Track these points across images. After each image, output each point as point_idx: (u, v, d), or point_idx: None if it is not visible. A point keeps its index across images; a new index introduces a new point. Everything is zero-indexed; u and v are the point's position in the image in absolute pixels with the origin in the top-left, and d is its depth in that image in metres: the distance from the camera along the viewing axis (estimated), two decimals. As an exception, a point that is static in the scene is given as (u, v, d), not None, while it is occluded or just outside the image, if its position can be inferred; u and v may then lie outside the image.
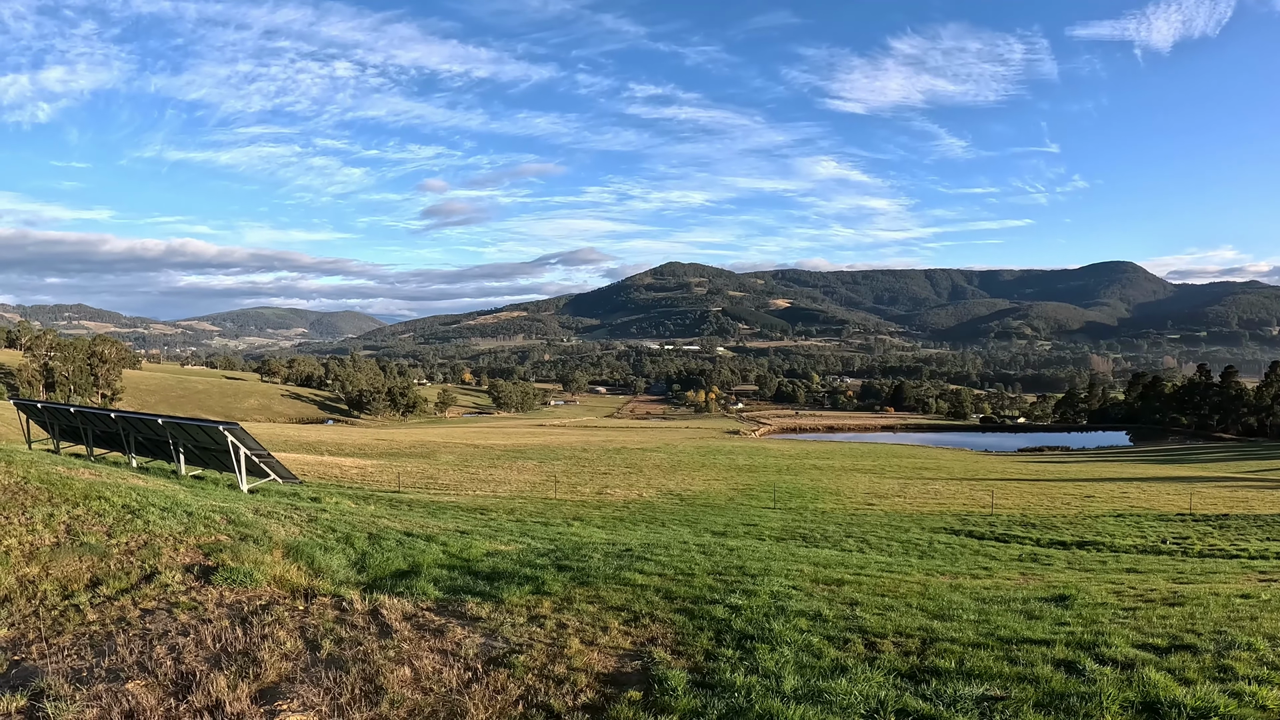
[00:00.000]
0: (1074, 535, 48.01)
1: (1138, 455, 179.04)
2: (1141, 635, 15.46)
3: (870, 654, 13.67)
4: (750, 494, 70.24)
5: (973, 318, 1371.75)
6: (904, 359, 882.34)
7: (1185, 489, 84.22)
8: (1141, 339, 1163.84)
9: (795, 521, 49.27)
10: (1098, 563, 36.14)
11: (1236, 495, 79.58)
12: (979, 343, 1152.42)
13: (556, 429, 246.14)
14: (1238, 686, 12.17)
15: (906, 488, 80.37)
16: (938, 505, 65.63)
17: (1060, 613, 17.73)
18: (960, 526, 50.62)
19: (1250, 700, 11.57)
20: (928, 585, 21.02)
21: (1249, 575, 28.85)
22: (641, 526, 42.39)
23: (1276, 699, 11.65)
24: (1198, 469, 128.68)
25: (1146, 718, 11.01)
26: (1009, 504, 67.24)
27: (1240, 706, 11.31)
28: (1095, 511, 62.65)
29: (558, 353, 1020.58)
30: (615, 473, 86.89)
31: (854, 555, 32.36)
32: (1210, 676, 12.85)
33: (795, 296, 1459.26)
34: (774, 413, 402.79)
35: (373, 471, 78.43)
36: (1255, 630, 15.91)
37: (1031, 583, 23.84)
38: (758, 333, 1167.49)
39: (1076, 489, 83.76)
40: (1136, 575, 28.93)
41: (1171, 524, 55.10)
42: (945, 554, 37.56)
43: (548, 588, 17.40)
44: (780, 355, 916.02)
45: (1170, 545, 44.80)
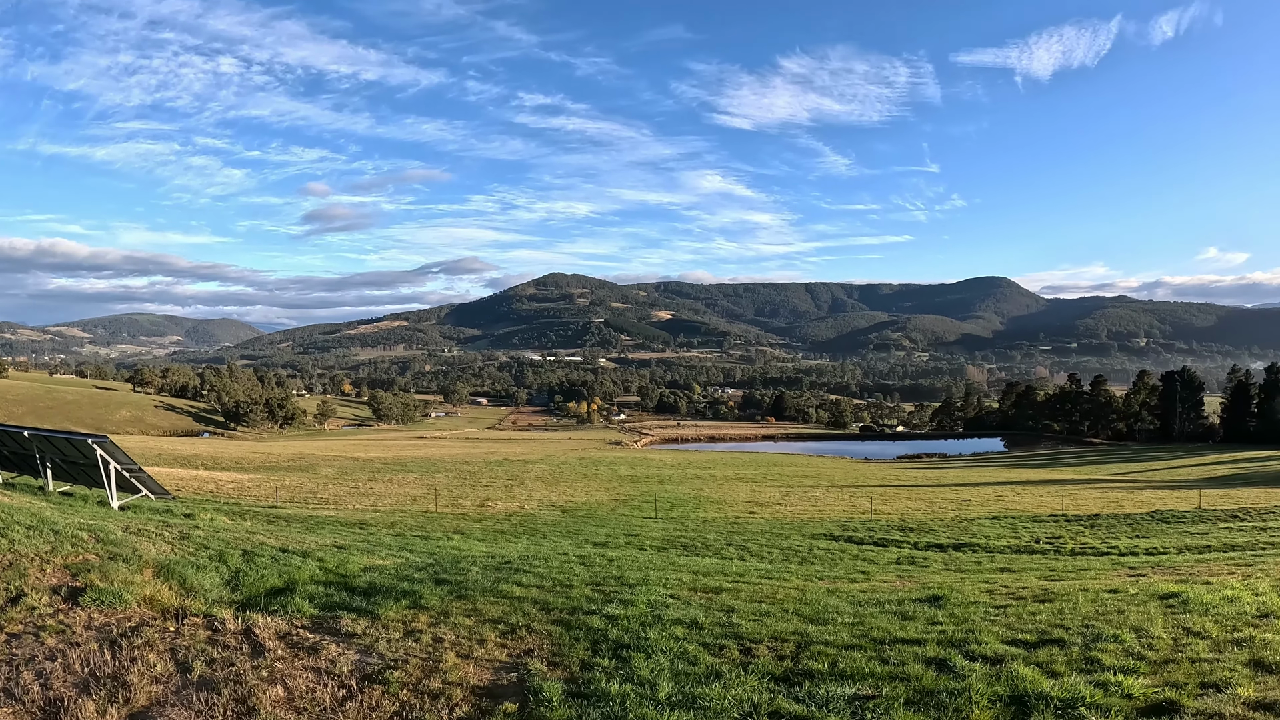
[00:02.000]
0: (951, 538, 48.83)
1: (1012, 460, 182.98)
2: (1012, 631, 15.84)
3: (745, 659, 13.79)
4: (632, 504, 70.24)
5: (852, 330, 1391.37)
6: (785, 370, 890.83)
7: (1058, 491, 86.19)
8: (1015, 350, 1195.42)
9: (677, 531, 49.39)
10: (973, 563, 36.80)
11: (1107, 496, 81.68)
12: (858, 354, 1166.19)
13: (438, 441, 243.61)
14: (1104, 677, 12.55)
15: (787, 495, 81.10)
16: (818, 512, 66.30)
17: (933, 613, 18.06)
18: (840, 532, 51.15)
19: (1116, 689, 11.94)
20: (805, 590, 21.21)
21: (1119, 571, 29.61)
22: (522, 539, 42.11)
23: (1141, 687, 12.05)
24: (1070, 472, 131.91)
25: (1015, 710, 11.29)
26: (888, 509, 68.11)
27: (1106, 696, 11.65)
28: (971, 515, 63.78)
29: (439, 363, 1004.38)
30: (497, 485, 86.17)
31: (734, 563, 32.57)
32: (1077, 668, 13.22)
33: (678, 308, 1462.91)
34: (656, 423, 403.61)
35: (250, 486, 76.86)
36: (1122, 623, 16.41)
37: (907, 585, 24.18)
38: (640, 344, 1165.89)
39: (953, 493, 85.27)
40: (1010, 574, 29.51)
41: (1045, 525, 56.36)
42: (825, 559, 37.94)
43: (425, 602, 17.20)
44: (662, 366, 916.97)
45: (1043, 545, 45.85)
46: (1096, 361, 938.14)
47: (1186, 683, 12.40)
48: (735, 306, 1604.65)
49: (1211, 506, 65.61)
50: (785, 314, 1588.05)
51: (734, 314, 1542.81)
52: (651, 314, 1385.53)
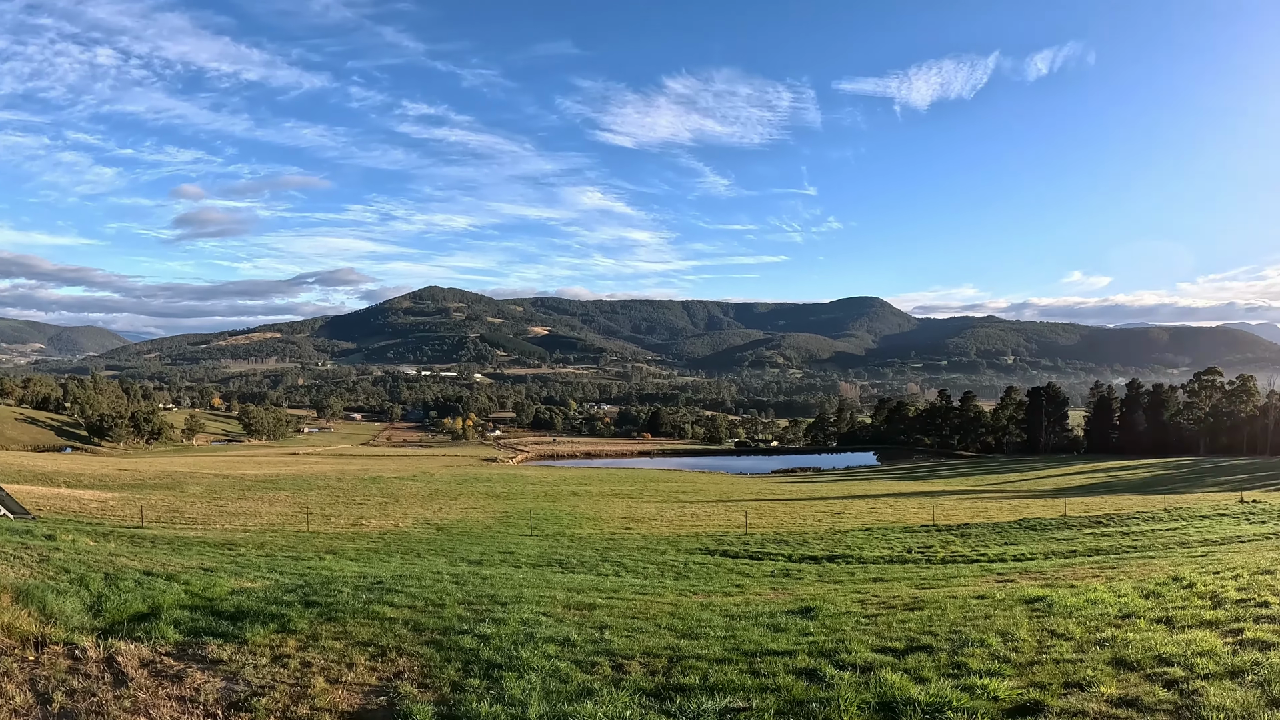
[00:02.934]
0: (825, 550, 49.32)
1: (885, 473, 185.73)
2: (882, 640, 16.09)
3: (617, 675, 13.76)
4: (508, 521, 69.77)
5: (728, 347, 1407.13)
6: (661, 387, 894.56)
7: (929, 502, 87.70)
8: (887, 368, 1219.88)
9: (552, 548, 49.15)
10: (847, 574, 37.18)
11: (977, 506, 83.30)
12: (734, 371, 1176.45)
13: (310, 457, 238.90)
14: (970, 681, 12.81)
15: (664, 511, 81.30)
16: (694, 527, 66.52)
17: (805, 624, 18.26)
18: (716, 546, 51.35)
19: (982, 692, 12.20)
20: (679, 605, 21.28)
21: (987, 577, 30.25)
22: (396, 558, 41.54)
23: (1007, 689, 12.35)
24: (941, 484, 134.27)
25: (883, 717, 11.46)
26: (763, 523, 68.60)
27: (973, 699, 11.88)
28: (845, 527, 64.53)
29: (312, 377, 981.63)
30: (371, 503, 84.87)
31: (609, 579, 32.51)
32: (945, 674, 13.47)
33: (554, 324, 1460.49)
34: (532, 440, 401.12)
35: (114, 505, 74.48)
36: (989, 628, 16.79)
37: (781, 597, 24.38)
38: (516, 359, 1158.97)
39: (827, 506, 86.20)
40: (882, 584, 29.94)
41: (917, 535, 57.31)
42: (700, 574, 38.05)
43: (294, 625, 16.84)
44: (538, 382, 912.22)
45: (915, 554, 46.58)
46: (966, 378, 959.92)
47: (1051, 683, 12.75)
48: (612, 323, 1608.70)
49: (1077, 514, 67.29)
50: (662, 331, 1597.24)
51: (611, 330, 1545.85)
52: (528, 329, 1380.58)
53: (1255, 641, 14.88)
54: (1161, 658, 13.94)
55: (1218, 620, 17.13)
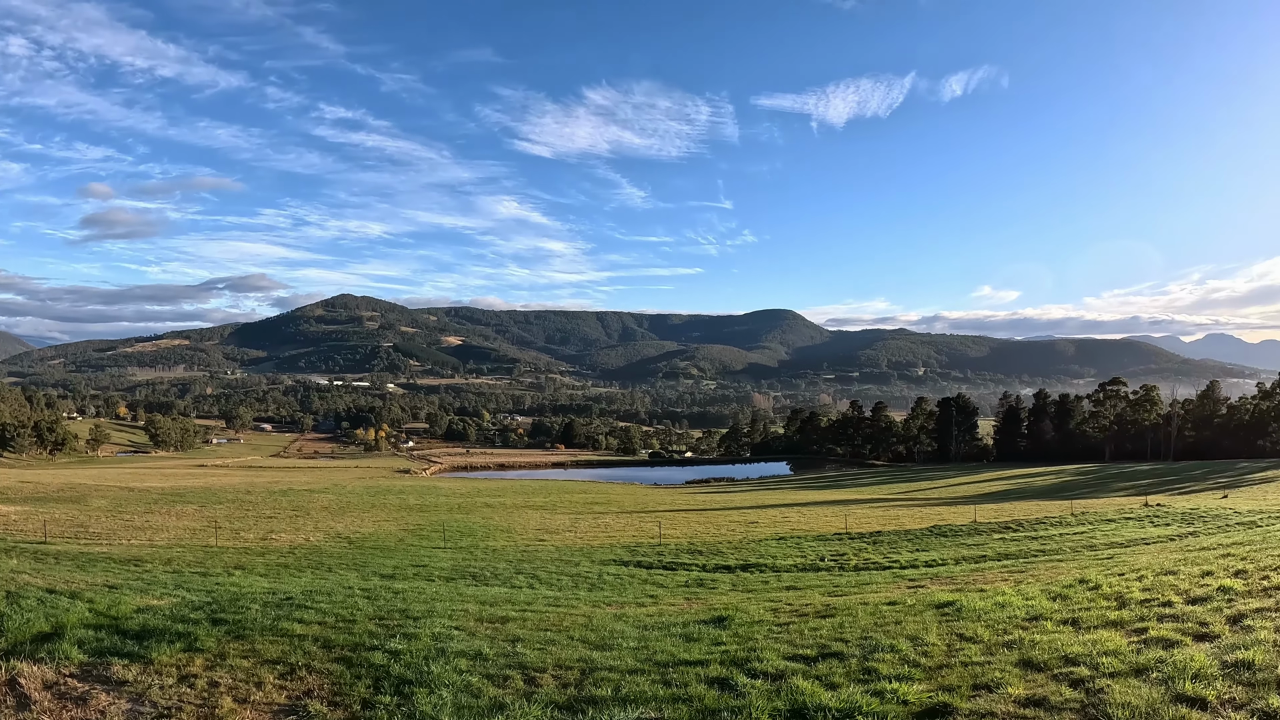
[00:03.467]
0: (739, 559, 49.43)
1: (798, 483, 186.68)
2: (793, 648, 16.22)
3: (529, 689, 13.74)
4: (421, 534, 69.07)
5: (642, 358, 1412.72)
6: (574, 398, 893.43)
7: (842, 511, 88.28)
8: (800, 379, 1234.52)
9: (466, 560, 48.78)
10: (760, 583, 37.31)
11: (889, 514, 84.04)
12: (648, 382, 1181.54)
13: (219, 470, 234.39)
14: (881, 686, 12.99)
15: (578, 522, 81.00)
16: (608, 538, 66.37)
17: (718, 633, 18.36)
18: (630, 557, 51.27)
19: (892, 697, 12.39)
20: (592, 617, 21.29)
21: (899, 584, 30.60)
22: (307, 573, 40.97)
23: (917, 693, 12.53)
24: (853, 493, 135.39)
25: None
26: (677, 533, 68.62)
27: (883, 704, 12.05)
28: (759, 536, 64.68)
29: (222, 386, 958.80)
30: (281, 516, 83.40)
31: (523, 592, 32.39)
32: (855, 679, 13.64)
33: (468, 334, 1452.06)
34: (445, 451, 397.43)
35: (15, 519, 72.51)
36: (899, 633, 17.03)
37: (695, 607, 24.47)
38: (429, 370, 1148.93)
39: (741, 516, 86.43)
40: (795, 592, 30.11)
41: (830, 543, 57.58)
42: (614, 585, 38.00)
43: (201, 644, 16.58)
44: (452, 393, 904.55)
45: (828, 562, 46.84)
46: (878, 389, 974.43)
47: (960, 685, 12.96)
48: (526, 333, 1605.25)
49: (986, 520, 68.10)
50: (576, 342, 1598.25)
51: (525, 341, 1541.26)
52: (442, 339, 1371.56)
53: (1159, 640, 15.34)
54: (1068, 658, 14.27)
55: (1123, 620, 17.57)
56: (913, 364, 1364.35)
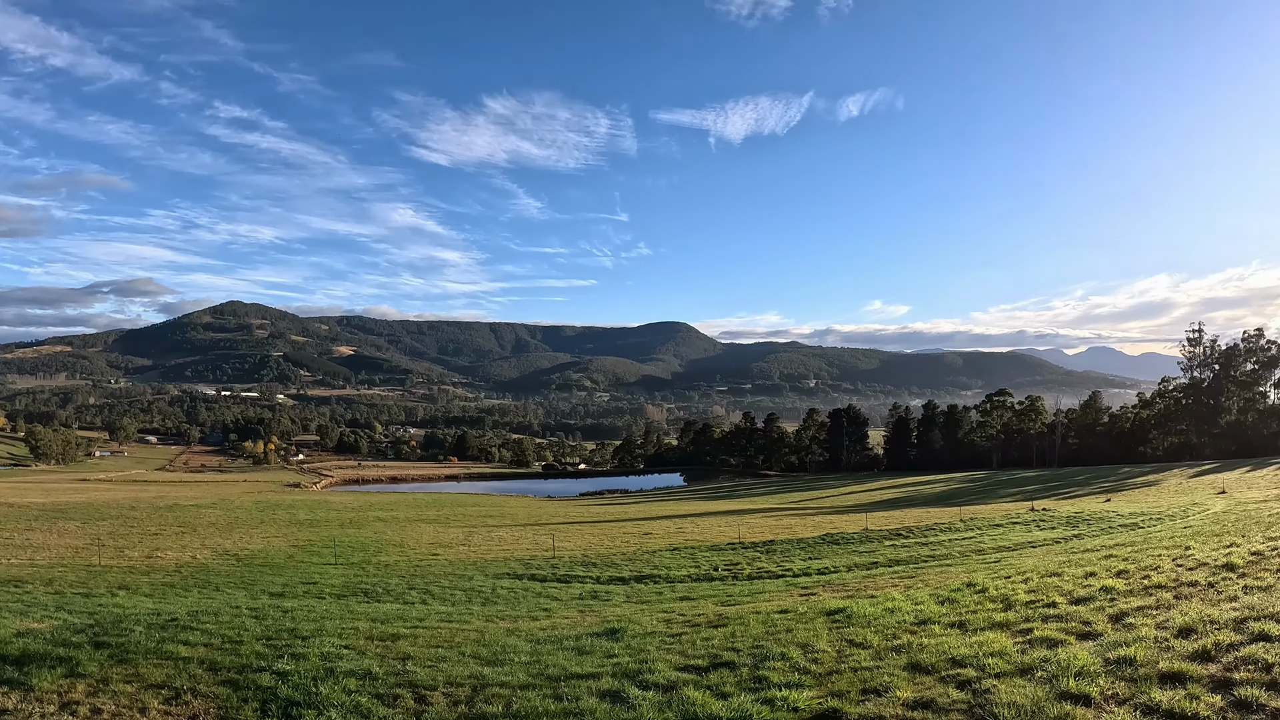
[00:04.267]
0: (633, 570, 49.40)
1: (692, 494, 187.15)
2: (685, 658, 16.27)
3: (419, 707, 13.61)
4: (312, 550, 67.97)
5: (536, 370, 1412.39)
6: (468, 409, 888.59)
7: (735, 521, 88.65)
8: (693, 391, 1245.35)
9: (358, 577, 48.14)
10: (655, 594, 37.28)
11: (782, 523, 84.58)
12: (541, 394, 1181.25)
13: (103, 484, 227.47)
14: (771, 694, 13.08)
15: (471, 536, 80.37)
16: (502, 551, 65.91)
17: (611, 645, 18.34)
18: (524, 571, 50.98)
19: (782, 704, 12.48)
20: (485, 632, 21.14)
21: (792, 592, 30.80)
22: (194, 592, 40.06)
23: (807, 699, 12.67)
24: (747, 503, 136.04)
25: (685, 733, 11.50)
26: (571, 546, 68.37)
27: (773, 711, 12.14)
28: (653, 547, 64.70)
29: (105, 395, 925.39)
30: (168, 533, 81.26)
31: (416, 608, 32.03)
32: (746, 688, 13.71)
33: (360, 344, 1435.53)
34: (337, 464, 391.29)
35: (-119, 546, 70.18)
36: (790, 640, 17.18)
37: (588, 619, 24.43)
38: (320, 380, 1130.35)
39: (635, 527, 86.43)
40: (689, 602, 30.18)
41: (724, 553, 57.81)
42: (508, 599, 37.72)
43: (83, 669, 16.09)
44: (343, 404, 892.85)
45: (722, 572, 46.96)
46: (770, 401, 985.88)
47: (849, 691, 13.11)
48: (419, 344, 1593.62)
49: (878, 527, 68.95)
50: (469, 353, 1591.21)
51: (418, 352, 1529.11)
52: (333, 349, 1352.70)
53: (1044, 640, 15.69)
54: (955, 660, 14.53)
55: (1008, 621, 17.93)
56: (805, 376, 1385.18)
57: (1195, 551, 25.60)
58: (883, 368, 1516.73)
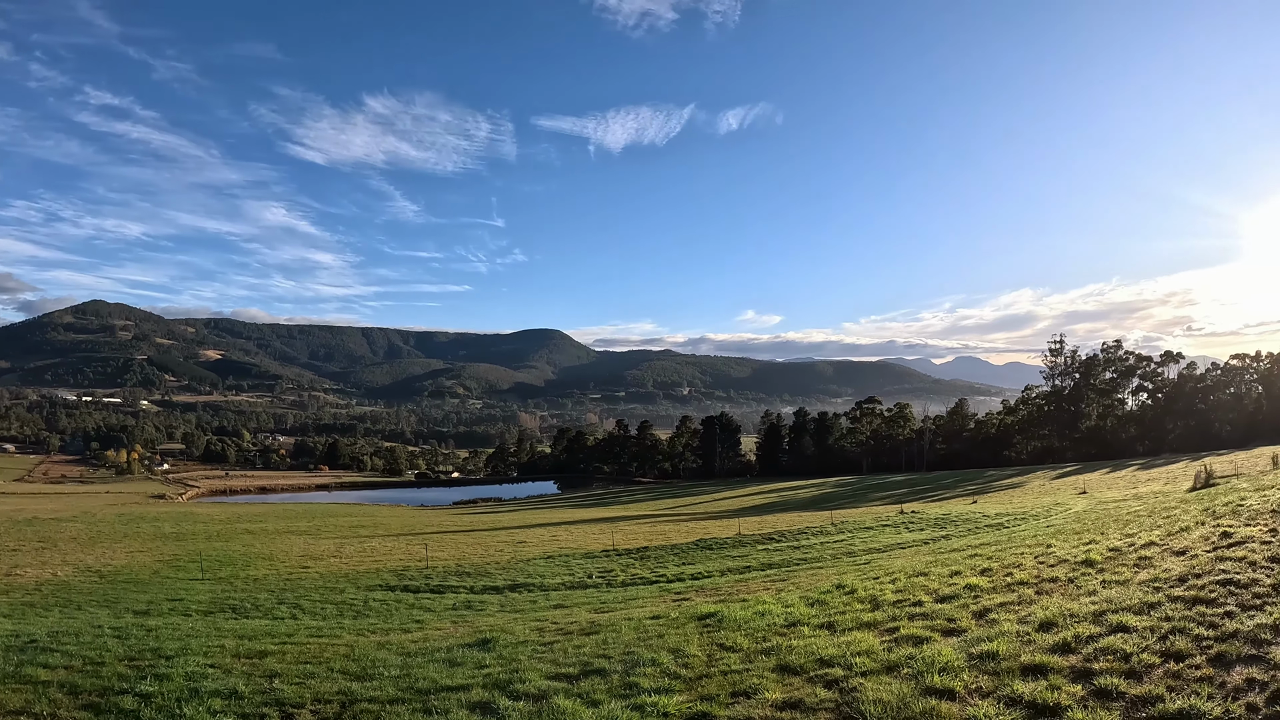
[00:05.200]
0: (507, 580, 49.18)
1: (566, 502, 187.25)
2: (557, 666, 16.30)
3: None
4: (178, 565, 66.31)
5: (408, 376, 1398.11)
6: (339, 417, 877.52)
7: (610, 528, 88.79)
8: (567, 398, 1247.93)
9: (225, 592, 47.14)
10: (529, 603, 37.19)
11: (655, 529, 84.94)
12: (414, 401, 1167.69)
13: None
14: (642, 700, 13.17)
15: (343, 547, 79.30)
16: (374, 563, 65.14)
17: (482, 656, 18.31)
18: (397, 582, 50.48)
19: (652, 710, 12.62)
20: (355, 646, 20.91)
21: (665, 597, 30.99)
22: (55, 611, 38.84)
23: (677, 704, 12.83)
24: (621, 510, 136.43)
25: (556, 742, 11.52)
26: (445, 555, 67.84)
27: (643, 717, 12.32)
28: (527, 555, 64.47)
29: None
30: (26, 549, 78.54)
31: (285, 623, 31.48)
32: (617, 695, 13.77)
33: (228, 348, 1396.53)
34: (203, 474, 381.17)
35: None
36: (661, 646, 17.32)
37: (461, 630, 24.27)
38: (187, 385, 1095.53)
39: (509, 536, 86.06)
40: (562, 610, 30.16)
41: (598, 560, 57.83)
42: (380, 611, 37.30)
43: (-66, 696, 15.44)
44: (210, 411, 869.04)
45: (596, 579, 47.02)
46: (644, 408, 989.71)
47: (719, 694, 13.29)
48: (289, 349, 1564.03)
49: (750, 532, 69.49)
50: (341, 358, 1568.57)
51: (288, 356, 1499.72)
52: (200, 353, 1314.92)
53: (909, 637, 16.09)
54: (823, 660, 14.83)
55: (876, 621, 18.35)
56: (678, 384, 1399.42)
57: (1056, 549, 26.30)
58: (756, 376, 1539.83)
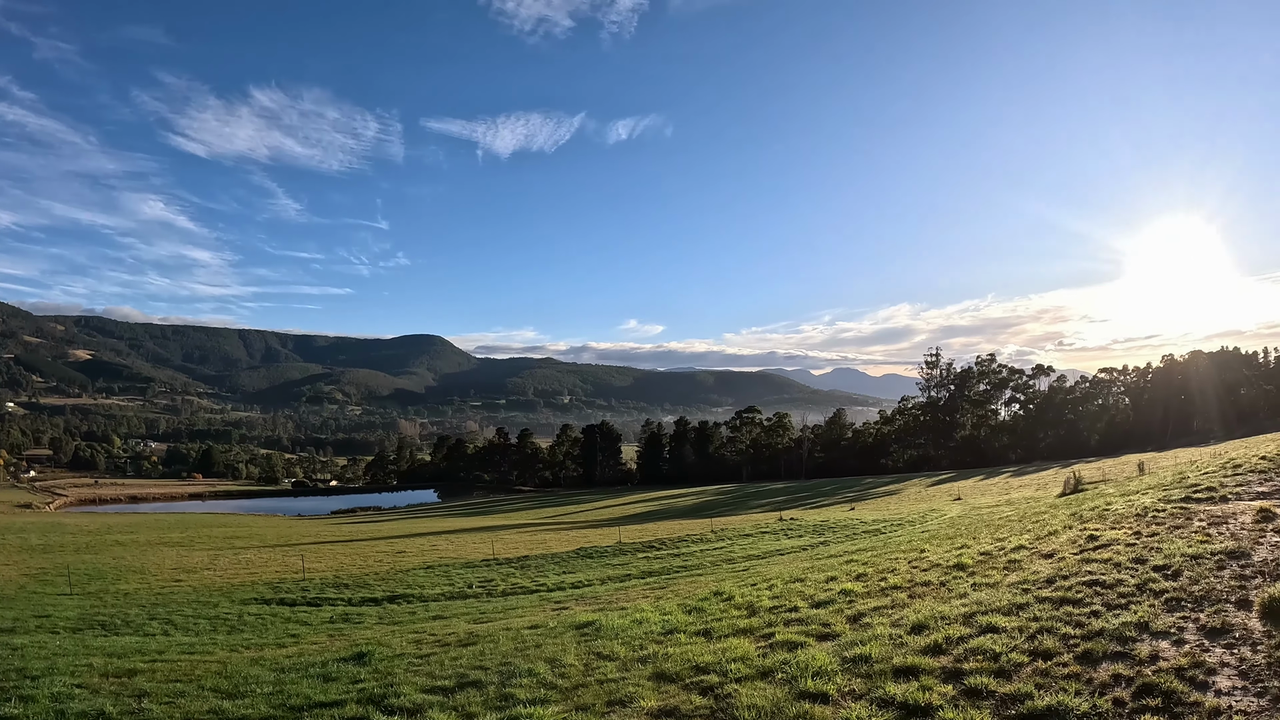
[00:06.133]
0: (385, 591, 48.74)
1: (446, 511, 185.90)
2: (433, 679, 16.27)
3: (154, 748, 13.14)
4: (45, 579, 64.36)
5: (286, 381, 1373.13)
6: (213, 422, 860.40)
7: (490, 537, 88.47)
8: (448, 406, 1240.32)
9: (95, 608, 45.89)
10: (408, 614, 36.91)
11: (536, 538, 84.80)
12: (292, 407, 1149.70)
13: None
14: (517, 711, 13.27)
15: (217, 559, 77.78)
16: (250, 575, 64.01)
17: (358, 670, 18.19)
18: (273, 595, 49.68)
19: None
20: (228, 663, 20.62)
21: (544, 607, 31.00)
22: (-87, 629, 37.61)
23: (552, 715, 13.04)
24: (501, 519, 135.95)
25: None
26: (322, 567, 66.98)
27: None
28: (407, 566, 63.96)
29: None
30: (-120, 567, 76.20)
31: (156, 640, 30.79)
32: (493, 707, 13.81)
33: (99, 348, 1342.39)
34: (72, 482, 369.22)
35: None
36: (539, 656, 17.37)
37: (337, 644, 24.02)
38: (55, 387, 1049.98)
39: (389, 546, 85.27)
40: (441, 621, 30.03)
41: (478, 569, 57.62)
42: (256, 626, 36.65)
43: None
44: (79, 415, 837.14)
45: (476, 589, 46.82)
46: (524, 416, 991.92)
47: (594, 703, 13.39)
48: (163, 350, 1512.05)
49: (631, 540, 69.80)
50: (216, 361, 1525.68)
51: (161, 358, 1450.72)
52: (70, 352, 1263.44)
53: (784, 643, 16.34)
54: (699, 667, 15.01)
55: (752, 627, 18.61)
56: (560, 392, 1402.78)
57: (930, 554, 26.86)
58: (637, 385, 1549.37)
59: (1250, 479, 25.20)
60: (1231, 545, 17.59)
